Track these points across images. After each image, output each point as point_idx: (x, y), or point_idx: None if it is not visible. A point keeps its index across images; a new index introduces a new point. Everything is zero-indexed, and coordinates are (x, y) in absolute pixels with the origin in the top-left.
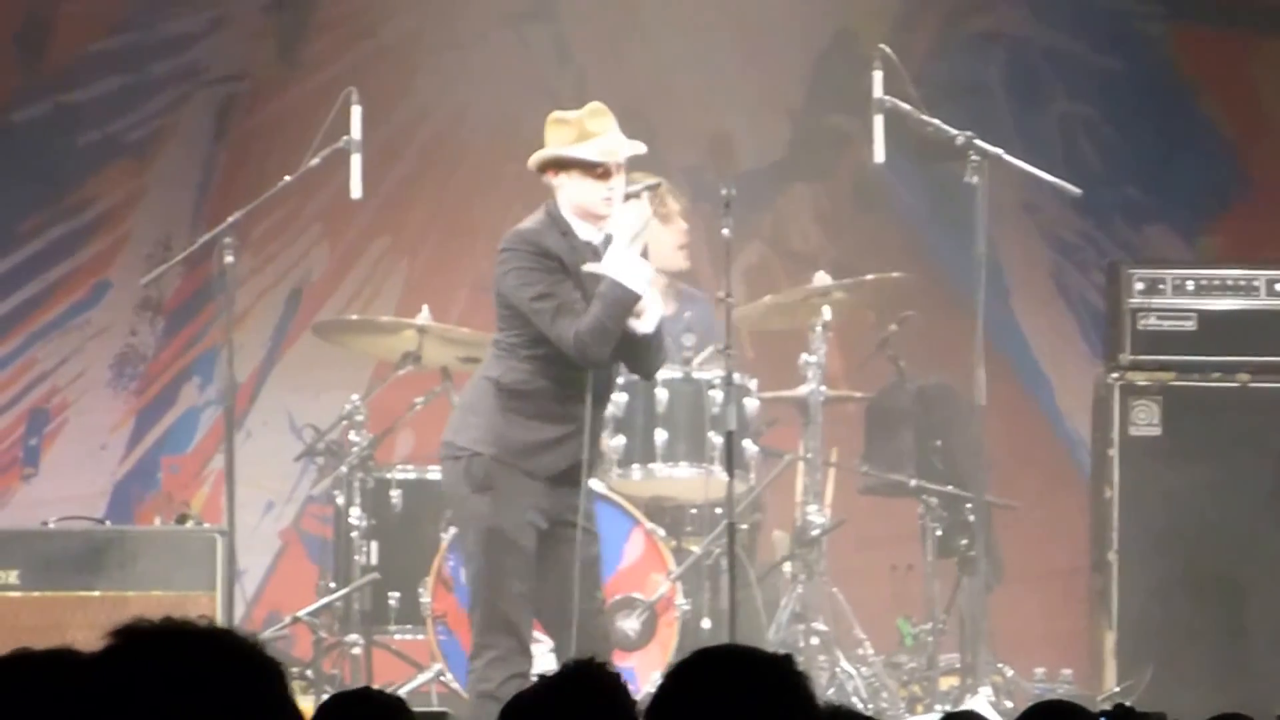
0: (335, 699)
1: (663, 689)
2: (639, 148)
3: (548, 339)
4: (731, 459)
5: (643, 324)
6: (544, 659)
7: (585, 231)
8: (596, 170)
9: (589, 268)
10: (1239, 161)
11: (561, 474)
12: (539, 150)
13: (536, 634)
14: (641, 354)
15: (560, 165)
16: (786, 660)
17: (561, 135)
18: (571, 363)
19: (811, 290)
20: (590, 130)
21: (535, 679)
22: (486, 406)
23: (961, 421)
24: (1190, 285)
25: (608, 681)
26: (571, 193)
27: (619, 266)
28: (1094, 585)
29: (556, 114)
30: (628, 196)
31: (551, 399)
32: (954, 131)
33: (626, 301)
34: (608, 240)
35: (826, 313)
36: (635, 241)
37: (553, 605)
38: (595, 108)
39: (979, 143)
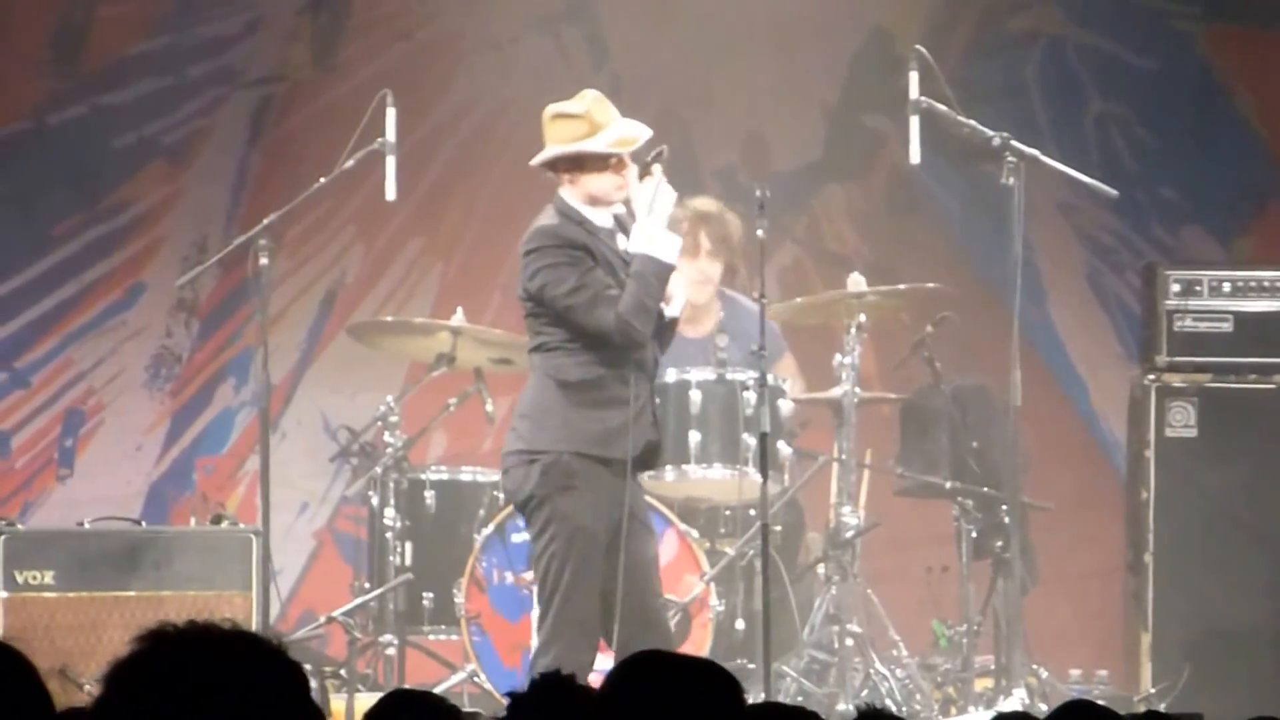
0: (395, 697)
1: (601, 695)
2: (646, 131)
3: (589, 330)
4: (765, 460)
5: (670, 308)
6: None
7: (599, 217)
8: (612, 161)
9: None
10: (1275, 162)
11: (637, 460)
12: (547, 148)
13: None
14: (665, 337)
15: (575, 162)
16: (713, 667)
17: (569, 130)
18: (612, 345)
19: (845, 295)
20: (599, 122)
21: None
22: (557, 405)
23: (997, 423)
24: (1226, 287)
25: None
26: (586, 186)
27: (648, 241)
28: (1129, 587)
29: (556, 108)
30: (642, 175)
31: (615, 383)
32: (990, 132)
33: (662, 274)
34: (619, 220)
35: (861, 315)
36: (655, 212)
37: (625, 600)
38: (595, 96)
39: (1015, 144)
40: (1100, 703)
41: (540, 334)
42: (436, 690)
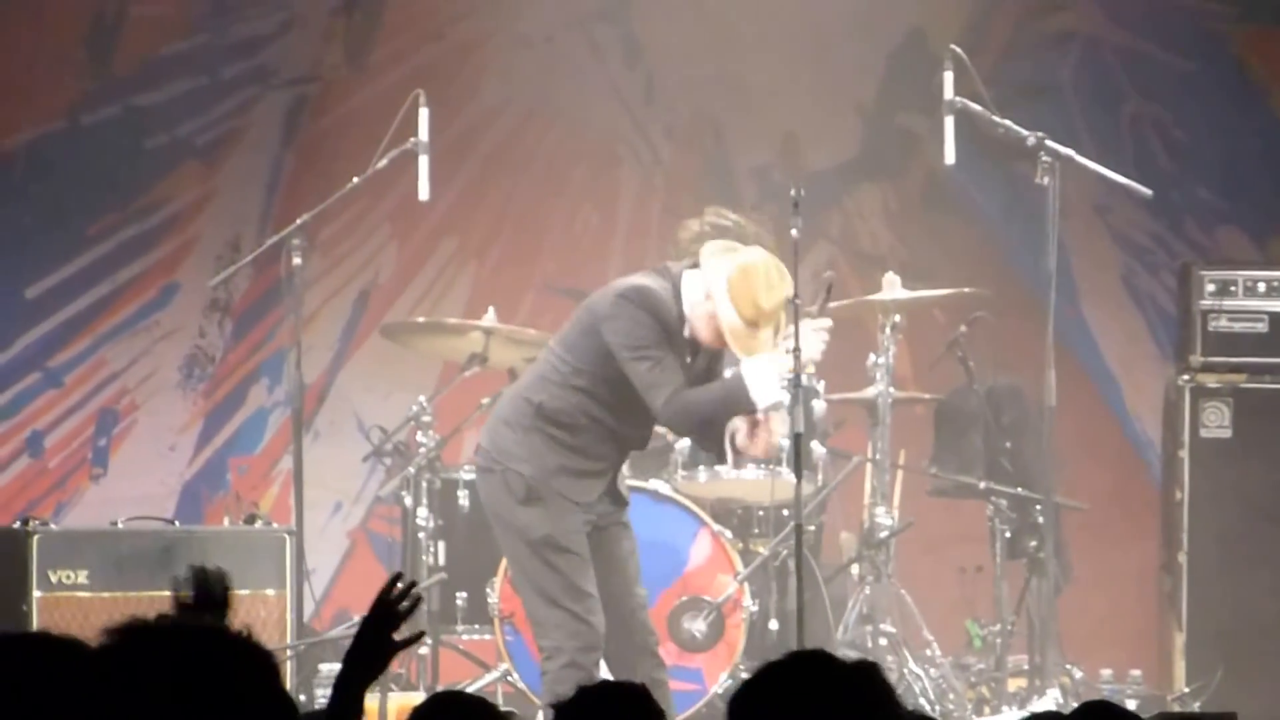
0: (439, 698)
1: (750, 687)
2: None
3: (606, 380)
4: (799, 460)
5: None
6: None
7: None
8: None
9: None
10: None
11: (598, 500)
12: (720, 299)
13: None
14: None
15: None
16: (872, 669)
17: (743, 301)
18: (614, 409)
19: (880, 301)
20: (768, 319)
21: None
22: (524, 425)
23: (1031, 423)
24: (1261, 287)
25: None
26: (716, 323)
27: (757, 375)
28: (1163, 586)
29: (765, 273)
30: (815, 304)
31: (590, 436)
32: (1025, 132)
33: (742, 407)
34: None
35: (895, 315)
36: (789, 356)
37: (603, 600)
38: (783, 295)
39: (1050, 144)
40: (1131, 703)
41: (562, 357)
42: (470, 690)
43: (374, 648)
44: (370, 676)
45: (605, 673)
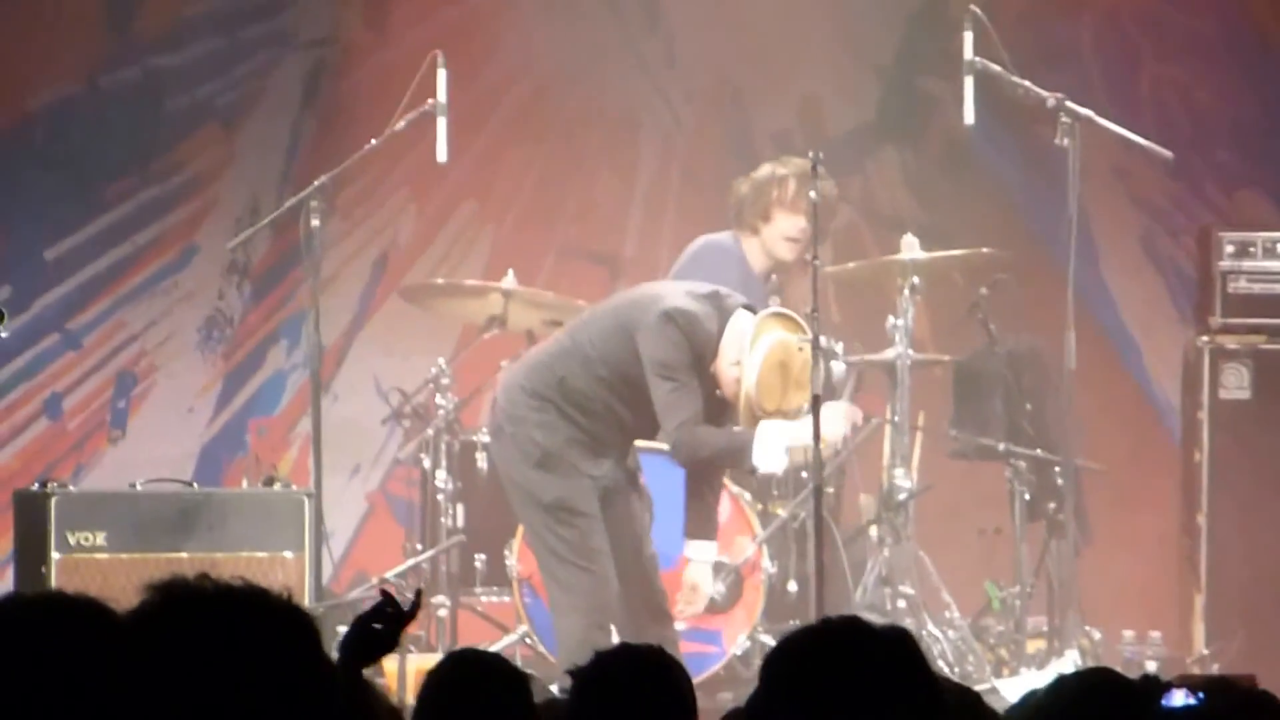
0: (456, 657)
1: (784, 650)
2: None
3: (627, 380)
4: (817, 424)
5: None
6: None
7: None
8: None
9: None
10: None
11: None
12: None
13: None
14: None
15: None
16: (904, 635)
17: (783, 393)
18: (632, 406)
19: (898, 262)
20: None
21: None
22: (542, 396)
23: (1051, 385)
24: None
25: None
26: (742, 387)
27: (767, 440)
28: (1183, 548)
29: (799, 374)
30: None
31: (603, 424)
32: (1045, 94)
33: (742, 463)
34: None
35: (914, 277)
36: (809, 429)
37: (614, 560)
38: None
39: (1070, 105)
40: (1150, 664)
41: (594, 343)
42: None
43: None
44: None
45: (614, 634)
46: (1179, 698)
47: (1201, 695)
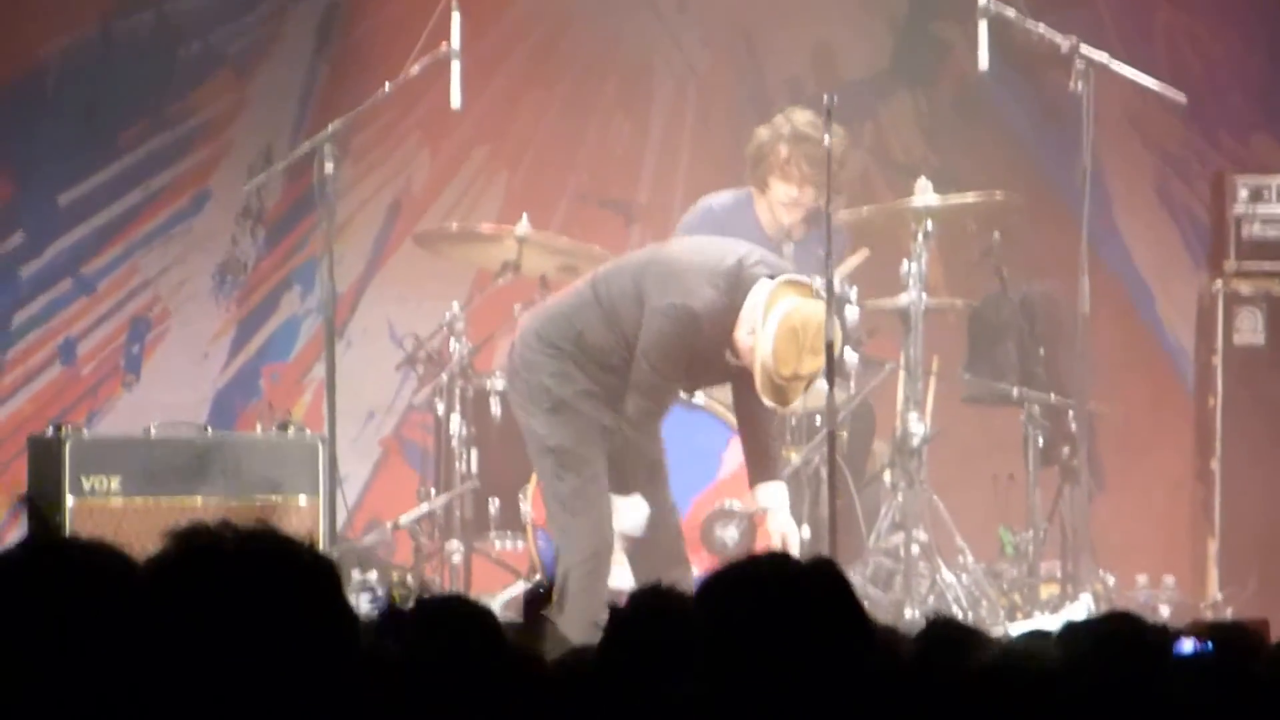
0: (425, 604)
1: (712, 582)
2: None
3: (633, 344)
4: (831, 368)
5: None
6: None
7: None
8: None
9: None
10: None
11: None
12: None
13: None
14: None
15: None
16: (829, 565)
17: (798, 358)
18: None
19: (911, 207)
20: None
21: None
22: (559, 348)
23: (1065, 330)
24: None
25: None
26: (757, 356)
27: (626, 507)
28: (1196, 494)
29: (814, 338)
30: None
31: (618, 379)
32: (1059, 38)
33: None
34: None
35: (928, 222)
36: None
37: (664, 498)
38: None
39: (1085, 50)
40: (1164, 609)
41: (615, 300)
42: (502, 598)
43: None
44: None
45: (627, 578)
46: (1188, 646)
47: (1209, 644)
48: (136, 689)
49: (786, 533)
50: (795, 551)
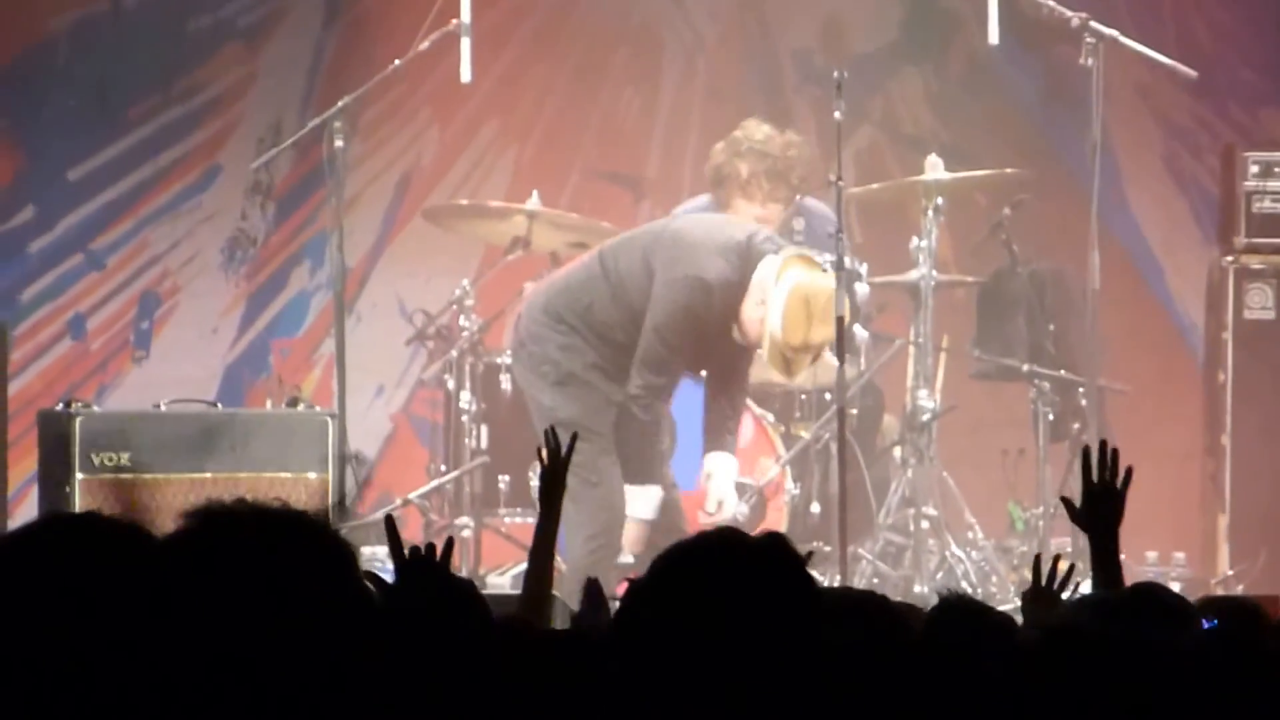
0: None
1: (653, 573)
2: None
3: (641, 318)
4: (842, 344)
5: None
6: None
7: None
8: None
9: None
10: None
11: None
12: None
13: None
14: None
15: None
16: (780, 539)
17: (807, 327)
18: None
19: (921, 183)
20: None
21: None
22: (567, 323)
23: (1075, 306)
24: None
25: None
26: (767, 327)
27: (640, 495)
28: (1207, 469)
29: (824, 307)
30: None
31: (627, 353)
32: (1069, 13)
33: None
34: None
35: (937, 198)
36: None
37: (632, 468)
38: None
39: (1094, 24)
40: (1174, 585)
41: (623, 274)
42: (511, 574)
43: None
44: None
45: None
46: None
47: (1216, 620)
48: (154, 663)
49: (724, 499)
50: (728, 517)
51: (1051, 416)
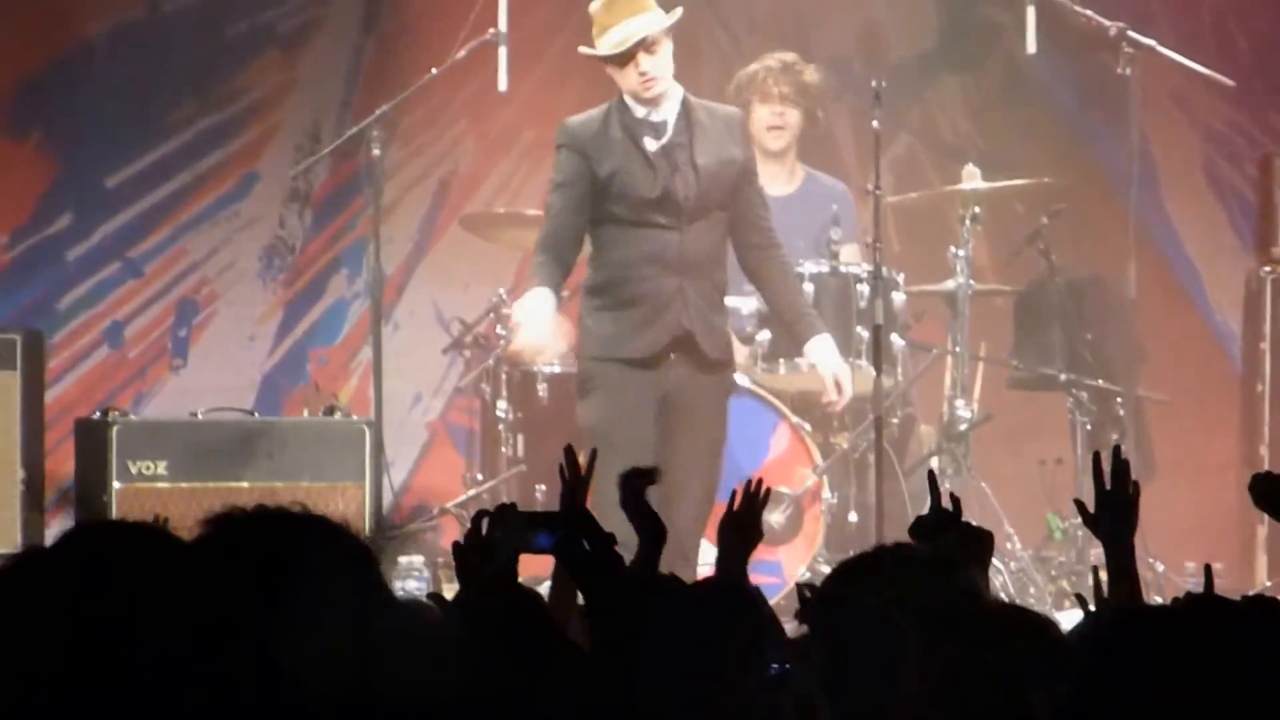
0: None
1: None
2: (657, 23)
3: (603, 225)
4: (879, 353)
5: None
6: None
7: (642, 111)
8: (619, 60)
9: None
10: None
11: (666, 350)
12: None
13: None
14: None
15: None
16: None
17: (592, 34)
18: (637, 243)
19: (959, 192)
20: (605, 24)
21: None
22: (583, 312)
23: (1112, 315)
24: None
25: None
26: (619, 81)
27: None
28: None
29: (592, 7)
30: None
31: (629, 281)
32: (1107, 22)
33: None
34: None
35: (975, 206)
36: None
37: (676, 481)
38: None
39: (1132, 33)
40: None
41: (568, 211)
42: (548, 583)
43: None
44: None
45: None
46: None
47: None
48: (177, 667)
49: (839, 374)
50: (848, 390)
51: (1089, 426)
